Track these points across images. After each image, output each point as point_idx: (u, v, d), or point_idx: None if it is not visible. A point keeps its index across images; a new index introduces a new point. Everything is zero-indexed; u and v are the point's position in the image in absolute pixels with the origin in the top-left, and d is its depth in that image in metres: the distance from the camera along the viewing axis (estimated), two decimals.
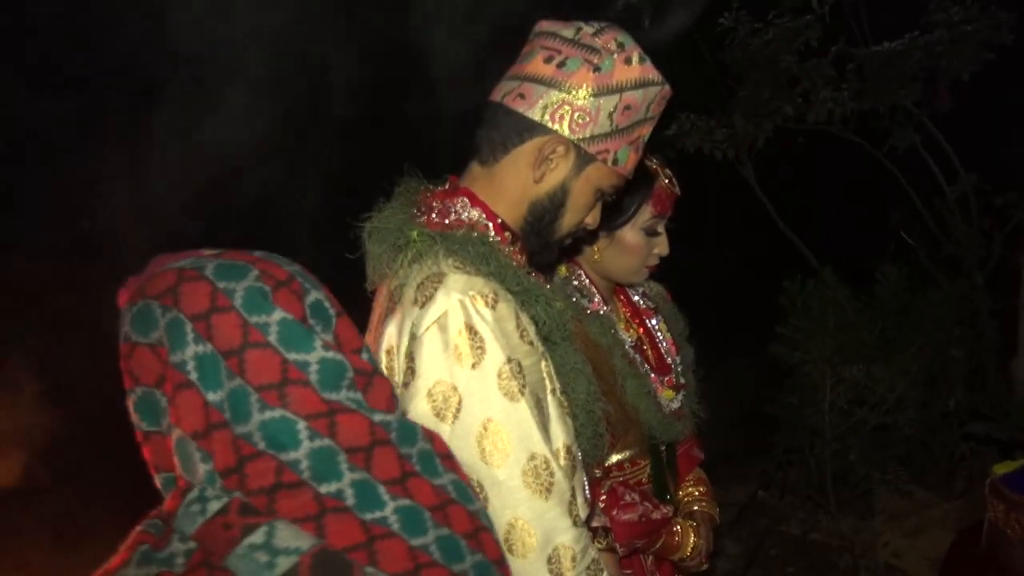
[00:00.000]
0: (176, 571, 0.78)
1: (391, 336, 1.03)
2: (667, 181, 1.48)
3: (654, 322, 1.57)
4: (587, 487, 1.07)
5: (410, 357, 0.99)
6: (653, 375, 1.46)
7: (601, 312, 1.44)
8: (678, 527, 1.43)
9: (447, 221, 1.09)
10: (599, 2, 3.50)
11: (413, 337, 0.99)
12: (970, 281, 3.53)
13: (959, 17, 3.24)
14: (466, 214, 1.10)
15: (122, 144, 3.47)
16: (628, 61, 1.08)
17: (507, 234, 1.12)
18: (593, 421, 1.14)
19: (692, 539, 1.44)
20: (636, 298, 1.60)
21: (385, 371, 1.02)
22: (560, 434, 1.03)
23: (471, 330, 0.97)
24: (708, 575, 1.55)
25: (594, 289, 1.48)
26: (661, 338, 1.55)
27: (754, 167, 3.73)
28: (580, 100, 1.07)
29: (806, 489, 3.68)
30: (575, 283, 1.47)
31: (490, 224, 1.11)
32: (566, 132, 1.08)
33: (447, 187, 1.16)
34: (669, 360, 1.53)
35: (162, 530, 0.82)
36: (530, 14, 1.17)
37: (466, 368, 0.97)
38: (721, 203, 4.92)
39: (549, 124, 1.07)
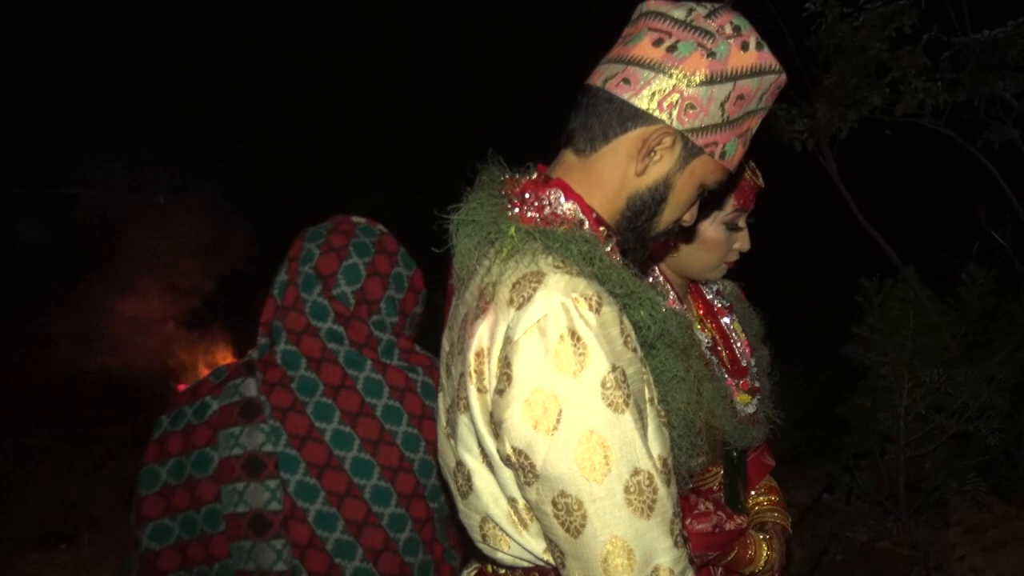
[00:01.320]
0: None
1: (482, 338, 0.96)
2: (751, 172, 1.40)
3: (728, 321, 1.50)
4: (679, 502, 1.00)
5: (505, 362, 0.92)
6: (728, 378, 1.40)
7: (677, 310, 1.38)
8: (751, 540, 1.38)
9: (542, 215, 1.02)
10: None
11: (508, 340, 0.92)
12: None
13: None
14: (561, 208, 1.02)
15: None
16: (745, 47, 0.99)
17: (602, 230, 1.04)
18: (692, 432, 1.06)
19: (765, 552, 1.38)
20: (710, 296, 1.53)
21: (473, 375, 0.97)
22: (656, 445, 0.95)
23: (574, 335, 0.89)
24: None
25: (669, 286, 1.42)
26: (736, 339, 1.48)
27: (836, 159, 3.58)
28: (691, 88, 0.98)
29: (875, 495, 3.55)
30: (649, 280, 1.40)
31: (586, 219, 1.03)
32: (674, 122, 0.99)
33: (536, 177, 1.08)
34: (744, 362, 1.45)
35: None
36: None
37: (568, 376, 0.89)
38: (800, 196, 4.74)
39: (656, 113, 0.99)
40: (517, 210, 1.03)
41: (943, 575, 3.14)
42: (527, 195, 1.05)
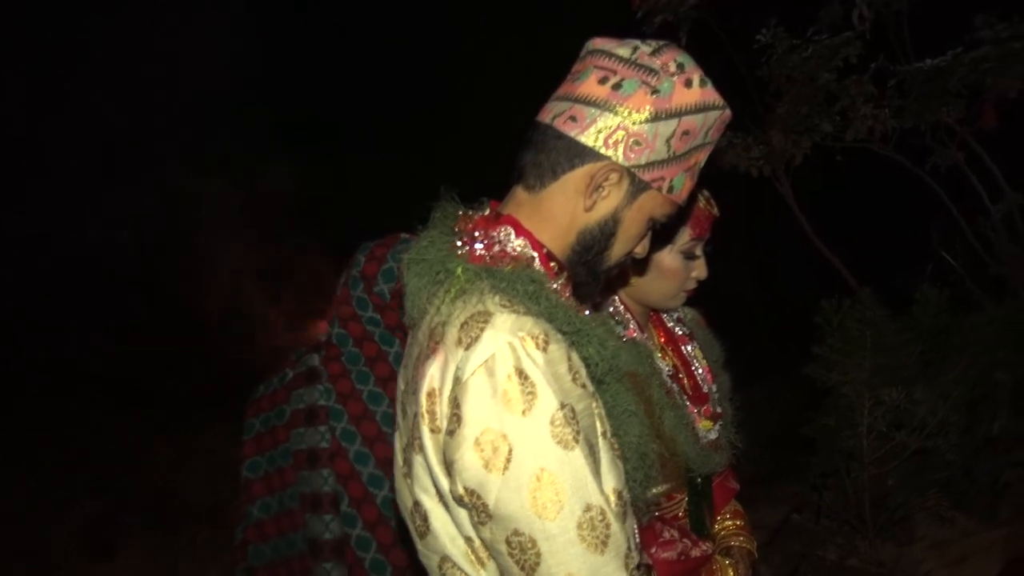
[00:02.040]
0: None
1: (433, 378, 0.96)
2: (705, 202, 1.44)
3: (690, 348, 1.53)
4: (637, 533, 1.01)
5: (455, 403, 0.92)
6: (690, 405, 1.43)
7: (637, 340, 1.41)
8: (716, 565, 1.39)
9: (491, 253, 1.03)
10: (632, 20, 3.50)
11: (458, 381, 0.92)
12: (1016, 302, 3.44)
13: (1006, 34, 3.17)
14: (510, 244, 1.04)
15: None
16: (688, 83, 1.01)
17: (553, 265, 1.05)
18: (646, 464, 1.07)
19: None
20: (671, 324, 1.56)
21: (426, 415, 0.97)
22: (610, 479, 0.95)
23: (521, 374, 0.90)
24: None
25: (629, 316, 1.44)
26: (697, 366, 1.50)
27: (792, 185, 3.68)
28: (636, 125, 1.00)
29: (842, 513, 3.60)
30: (610, 309, 1.43)
31: (536, 255, 1.04)
32: (620, 159, 1.01)
33: (488, 213, 1.10)
34: (706, 389, 1.48)
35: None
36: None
37: (516, 415, 0.89)
38: (757, 221, 4.86)
39: (603, 150, 1.00)
40: (467, 248, 1.04)
41: None
42: (477, 232, 1.06)
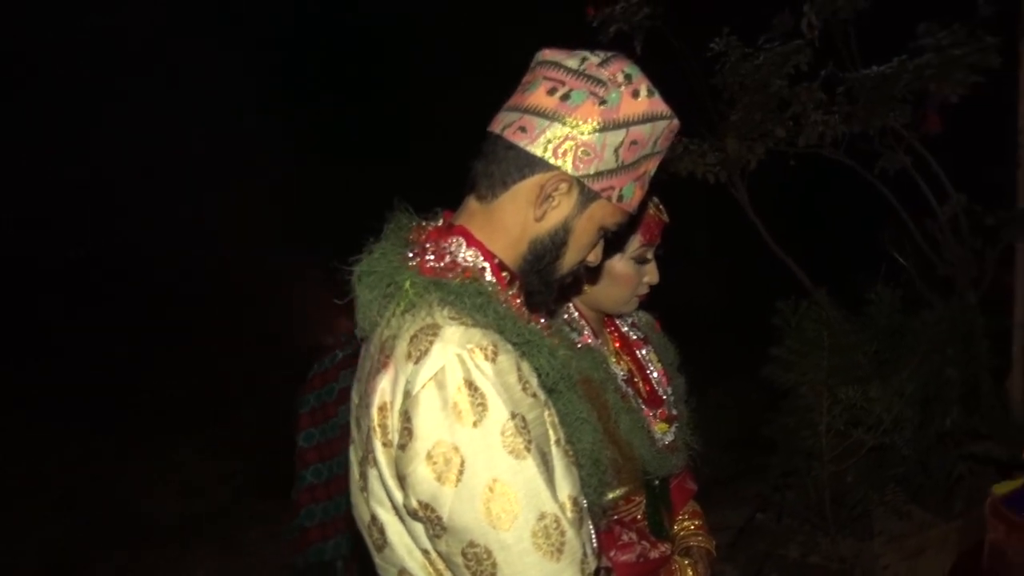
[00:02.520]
0: None
1: (384, 392, 0.96)
2: (655, 209, 1.47)
3: (644, 352, 1.55)
4: (594, 537, 1.02)
5: (406, 417, 0.93)
6: (645, 408, 1.45)
7: (592, 346, 1.43)
8: (676, 566, 1.41)
9: (442, 264, 1.03)
10: (588, 30, 3.54)
11: (408, 395, 0.93)
12: (963, 301, 3.54)
13: (947, 41, 3.27)
14: (461, 255, 1.04)
15: None
16: (636, 94, 1.02)
17: (505, 275, 1.06)
18: (600, 470, 1.08)
19: None
20: (625, 329, 1.58)
21: (378, 429, 0.97)
22: (565, 485, 0.96)
23: (471, 386, 0.90)
24: None
25: (584, 322, 1.46)
26: (652, 369, 1.53)
27: (747, 190, 3.75)
28: (585, 135, 1.01)
29: (804, 512, 3.66)
30: (564, 316, 1.44)
31: (487, 266, 1.05)
32: (569, 169, 1.02)
33: (441, 224, 1.10)
34: (661, 392, 1.51)
35: None
36: None
37: (467, 427, 0.90)
38: (715, 226, 4.95)
39: (552, 160, 1.01)
40: (418, 260, 1.04)
41: None
42: (428, 244, 1.06)
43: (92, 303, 7.52)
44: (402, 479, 0.95)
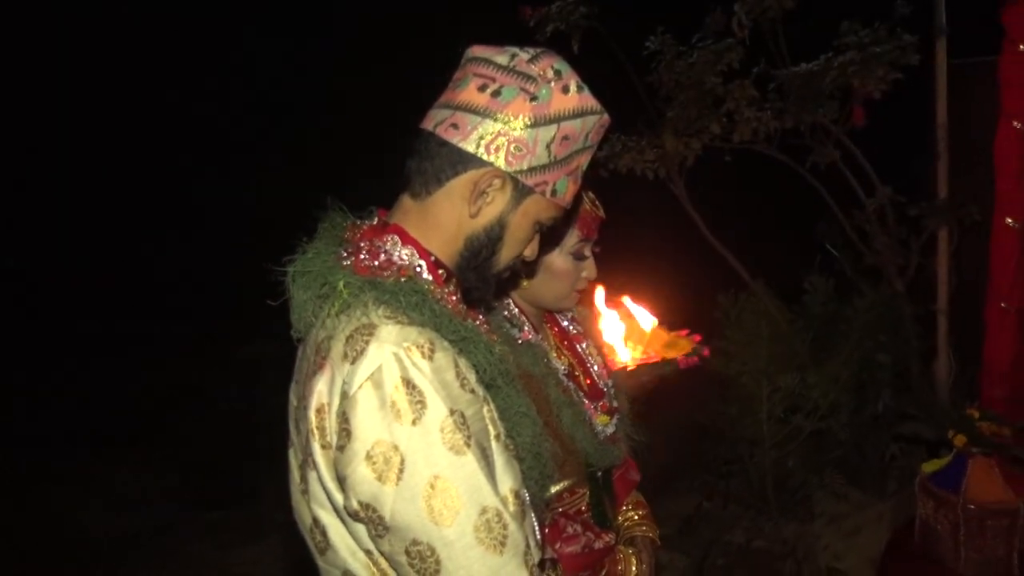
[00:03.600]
0: None
1: (321, 394, 0.96)
2: (591, 204, 1.49)
3: (584, 346, 1.57)
4: (537, 529, 1.03)
5: (343, 417, 0.92)
6: (587, 401, 1.47)
7: (532, 341, 1.45)
8: (620, 555, 1.44)
9: (377, 263, 1.02)
10: (526, 28, 3.56)
11: (345, 395, 0.92)
12: (891, 289, 3.69)
13: (869, 39, 3.40)
14: (396, 253, 1.04)
15: None
16: (566, 90, 1.03)
17: (441, 272, 1.07)
18: (541, 463, 1.09)
19: (635, 566, 1.45)
20: (565, 323, 1.60)
21: (316, 432, 0.96)
22: (506, 479, 0.97)
23: (409, 384, 0.90)
24: None
25: (524, 318, 1.47)
26: (592, 363, 1.55)
27: (685, 185, 3.83)
28: (517, 131, 1.02)
29: (748, 498, 3.76)
30: (504, 313, 1.46)
31: (423, 264, 1.05)
32: (502, 164, 1.03)
33: (375, 223, 1.10)
34: (601, 384, 1.53)
35: None
36: None
37: (406, 425, 0.90)
38: (655, 221, 5.03)
39: (484, 156, 1.02)
40: (352, 259, 1.03)
41: (810, 565, 3.36)
42: (363, 243, 1.06)
43: (15, 314, 7.20)
44: (342, 480, 0.95)
